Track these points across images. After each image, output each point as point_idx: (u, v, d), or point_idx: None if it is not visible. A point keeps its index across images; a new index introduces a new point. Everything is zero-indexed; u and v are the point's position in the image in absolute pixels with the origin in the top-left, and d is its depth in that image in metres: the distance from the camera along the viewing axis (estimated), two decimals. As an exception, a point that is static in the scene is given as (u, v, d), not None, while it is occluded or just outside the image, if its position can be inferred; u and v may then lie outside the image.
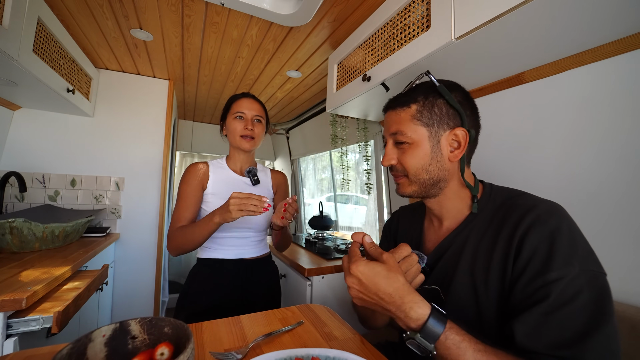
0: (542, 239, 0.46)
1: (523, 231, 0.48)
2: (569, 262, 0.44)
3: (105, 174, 1.82)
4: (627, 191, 0.72)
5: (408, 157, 0.59)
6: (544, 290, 0.44)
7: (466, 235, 0.58)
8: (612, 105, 0.75)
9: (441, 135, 0.58)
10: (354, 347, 0.58)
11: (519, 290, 0.47)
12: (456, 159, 0.59)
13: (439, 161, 0.59)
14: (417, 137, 0.58)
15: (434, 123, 0.58)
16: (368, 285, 0.48)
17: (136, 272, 1.86)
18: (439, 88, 0.58)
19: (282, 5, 1.13)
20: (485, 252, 0.54)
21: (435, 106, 0.58)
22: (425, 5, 0.86)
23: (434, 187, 0.60)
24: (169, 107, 1.97)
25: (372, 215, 2.12)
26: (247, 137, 1.01)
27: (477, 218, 0.58)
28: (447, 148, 0.59)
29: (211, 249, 1.01)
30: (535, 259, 0.46)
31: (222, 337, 0.60)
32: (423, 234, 0.71)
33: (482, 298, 0.52)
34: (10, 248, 1.17)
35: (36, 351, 0.53)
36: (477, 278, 0.54)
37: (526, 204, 0.52)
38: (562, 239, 0.45)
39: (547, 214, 0.48)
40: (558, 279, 0.43)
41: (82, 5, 1.19)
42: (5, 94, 1.38)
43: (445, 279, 0.59)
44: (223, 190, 1.00)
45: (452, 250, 0.59)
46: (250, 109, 1.02)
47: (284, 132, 2.99)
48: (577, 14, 0.64)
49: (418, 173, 0.59)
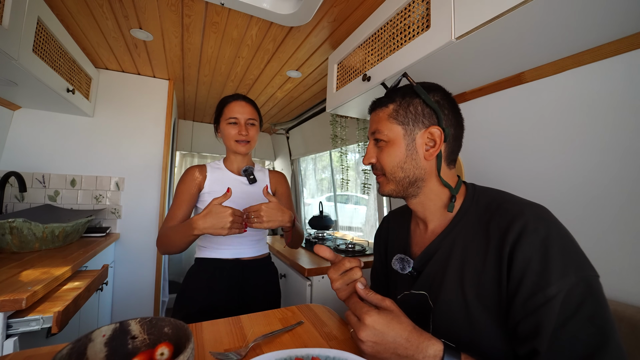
0: (534, 250, 0.46)
1: (513, 239, 0.48)
2: (566, 272, 0.43)
3: (105, 174, 1.82)
4: (627, 191, 0.72)
5: (384, 155, 0.61)
6: (547, 307, 0.43)
7: (453, 239, 0.58)
8: (612, 105, 0.75)
9: (416, 133, 0.59)
10: (354, 347, 0.58)
11: (518, 306, 0.46)
12: (431, 157, 0.59)
13: (414, 159, 0.59)
14: (393, 136, 0.60)
15: (409, 121, 0.59)
16: (385, 336, 0.45)
17: (136, 272, 1.86)
18: (416, 88, 0.59)
19: (282, 5, 1.13)
20: (474, 258, 0.53)
21: (411, 105, 0.59)
22: (425, 5, 0.86)
23: (412, 186, 0.60)
24: (169, 107, 1.97)
25: (372, 215, 2.12)
26: (242, 142, 1.01)
27: (463, 221, 0.58)
28: (423, 147, 0.59)
29: (208, 248, 1.01)
30: (530, 272, 0.45)
31: (222, 337, 0.60)
32: (410, 238, 0.70)
33: (473, 305, 0.51)
34: (10, 248, 1.17)
35: (36, 351, 0.53)
36: (466, 284, 0.53)
37: (512, 209, 0.51)
38: (554, 247, 0.45)
39: (535, 221, 0.48)
40: (558, 292, 0.43)
41: (82, 5, 1.19)
42: (5, 94, 1.39)
43: (434, 284, 0.58)
44: (220, 189, 1.00)
45: (440, 255, 0.59)
46: (242, 113, 1.01)
47: (284, 132, 2.99)
48: (577, 13, 0.64)
49: (394, 171, 0.60)
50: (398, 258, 0.64)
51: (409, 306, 0.65)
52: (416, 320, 0.63)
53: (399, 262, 0.63)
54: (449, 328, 0.54)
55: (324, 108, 2.00)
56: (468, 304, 0.52)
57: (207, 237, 1.02)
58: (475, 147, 1.08)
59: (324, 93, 2.04)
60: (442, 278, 0.56)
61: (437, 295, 0.56)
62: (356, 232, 2.45)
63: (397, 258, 0.64)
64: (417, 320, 0.62)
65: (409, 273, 0.62)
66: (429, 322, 0.58)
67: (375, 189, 1.92)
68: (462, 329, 0.52)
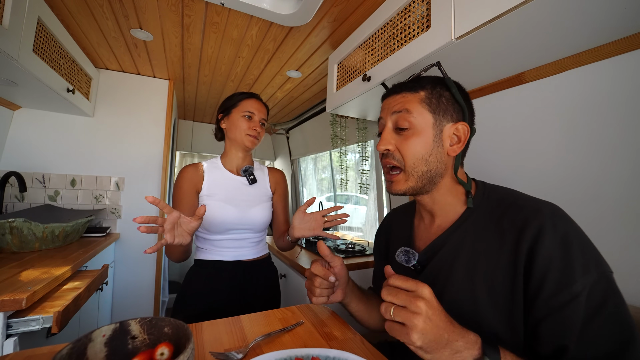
0: (555, 247, 0.45)
1: (532, 236, 0.47)
2: (587, 268, 0.44)
3: (105, 174, 1.82)
4: (627, 191, 0.72)
5: (409, 144, 0.56)
6: (574, 304, 0.43)
7: (462, 234, 0.57)
8: (612, 105, 0.75)
9: (444, 125, 0.57)
10: (354, 347, 0.58)
11: (541, 304, 0.45)
12: (455, 153, 0.58)
13: (439, 152, 0.57)
14: (423, 122, 0.56)
15: (440, 112, 0.57)
16: (440, 313, 0.43)
17: (136, 272, 1.86)
18: (447, 81, 0.58)
19: (282, 5, 1.13)
20: (486, 253, 0.53)
21: (442, 97, 0.58)
22: (425, 5, 0.86)
23: (430, 182, 0.59)
24: (169, 107, 1.97)
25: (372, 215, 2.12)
26: (252, 137, 1.01)
27: (473, 216, 0.57)
28: (448, 141, 0.58)
29: (208, 250, 0.99)
30: (553, 269, 0.45)
31: (222, 337, 0.60)
32: (413, 232, 0.69)
33: (482, 300, 0.51)
34: (10, 248, 1.17)
35: (36, 351, 0.53)
36: (476, 280, 0.52)
37: (528, 206, 0.51)
38: (574, 244, 0.45)
39: (553, 218, 0.47)
40: (583, 289, 0.43)
41: (82, 5, 1.19)
42: (5, 94, 1.39)
43: (439, 278, 0.57)
44: (219, 191, 0.98)
45: (447, 249, 0.58)
46: (259, 111, 1.02)
47: (284, 132, 2.99)
48: (577, 13, 0.64)
49: (417, 164, 0.57)
50: (403, 250, 0.62)
51: None
52: None
53: (404, 255, 0.62)
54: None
55: (324, 108, 2.00)
56: (477, 299, 0.51)
57: (206, 240, 0.99)
58: (475, 147, 1.07)
59: (324, 93, 2.04)
60: (449, 273, 0.56)
61: (443, 289, 0.56)
62: (356, 232, 2.45)
63: (402, 250, 0.62)
64: None
65: (412, 266, 0.61)
66: None
67: (375, 189, 1.91)
68: (467, 324, 0.51)
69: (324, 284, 0.65)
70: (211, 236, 0.98)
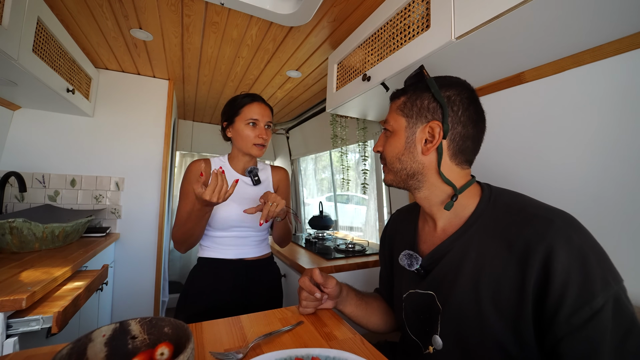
0: (572, 260, 0.43)
1: (546, 249, 0.45)
2: (606, 281, 0.42)
3: (105, 174, 1.82)
4: (628, 191, 0.72)
5: (387, 144, 0.64)
6: (596, 321, 0.41)
7: (467, 241, 0.56)
8: (612, 105, 0.75)
9: (418, 127, 0.59)
10: (354, 347, 0.58)
11: (562, 321, 0.43)
12: (428, 152, 0.58)
13: (411, 153, 0.60)
14: (397, 127, 0.62)
15: (413, 115, 0.60)
16: None
17: (136, 272, 1.86)
18: (427, 81, 0.59)
19: (282, 5, 1.13)
20: (492, 262, 0.51)
21: (418, 99, 0.60)
22: (425, 5, 0.86)
23: (411, 179, 0.61)
24: (168, 107, 1.97)
25: (372, 215, 2.12)
26: (259, 145, 1.00)
27: (478, 223, 0.56)
28: (422, 141, 0.59)
29: (211, 248, 1.01)
30: (572, 284, 0.43)
31: (222, 337, 0.60)
32: (417, 235, 0.69)
33: (487, 309, 0.50)
34: (10, 248, 1.17)
35: (36, 351, 0.53)
36: (482, 288, 0.51)
37: (538, 215, 0.49)
38: (591, 256, 0.44)
39: (568, 228, 0.46)
40: (605, 303, 0.42)
41: (82, 5, 1.18)
42: (5, 94, 1.38)
43: (444, 285, 0.57)
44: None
45: (452, 256, 0.57)
46: (263, 115, 1.00)
47: (284, 132, 2.99)
48: (577, 13, 0.64)
49: (393, 161, 0.62)
50: (406, 254, 0.63)
51: (414, 305, 0.64)
52: (422, 320, 0.63)
53: (407, 258, 0.62)
54: (458, 330, 0.53)
55: (324, 108, 2.00)
56: (481, 308, 0.50)
57: (210, 237, 1.01)
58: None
59: (324, 93, 2.04)
60: (453, 280, 0.55)
61: (448, 297, 0.55)
62: (357, 232, 2.45)
63: (405, 254, 0.63)
64: (423, 320, 0.62)
65: (415, 270, 0.61)
66: (436, 323, 0.57)
67: (376, 190, 1.92)
68: (472, 332, 0.51)
69: (309, 297, 0.69)
70: (214, 233, 1.00)
